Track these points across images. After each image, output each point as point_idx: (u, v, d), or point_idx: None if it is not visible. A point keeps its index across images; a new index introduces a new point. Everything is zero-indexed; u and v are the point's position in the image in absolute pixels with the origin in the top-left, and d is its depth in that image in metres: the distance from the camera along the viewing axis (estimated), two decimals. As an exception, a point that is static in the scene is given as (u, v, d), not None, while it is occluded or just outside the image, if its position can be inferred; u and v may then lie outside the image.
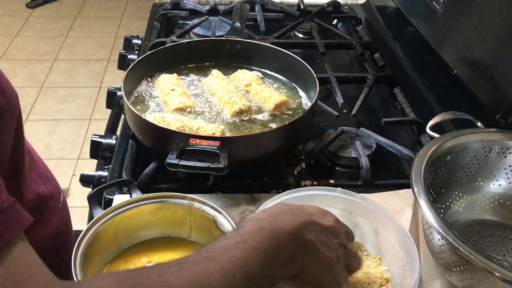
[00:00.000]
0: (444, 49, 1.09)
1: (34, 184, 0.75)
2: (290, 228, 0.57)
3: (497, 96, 0.90)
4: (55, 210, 0.83)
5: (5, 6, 4.04)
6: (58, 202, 0.84)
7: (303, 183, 0.91)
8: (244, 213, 0.83)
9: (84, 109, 2.96)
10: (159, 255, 0.74)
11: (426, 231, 0.72)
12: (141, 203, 0.74)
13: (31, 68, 3.32)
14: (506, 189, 0.82)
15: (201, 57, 1.13)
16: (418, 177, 0.71)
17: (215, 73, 1.07)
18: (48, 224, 0.80)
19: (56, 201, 0.83)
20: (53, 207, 0.82)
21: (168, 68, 1.09)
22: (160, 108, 0.98)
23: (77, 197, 2.34)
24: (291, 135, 0.90)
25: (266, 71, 1.13)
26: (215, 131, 0.88)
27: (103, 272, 0.70)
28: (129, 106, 0.89)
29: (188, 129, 0.88)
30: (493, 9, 0.95)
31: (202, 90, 1.05)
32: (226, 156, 0.77)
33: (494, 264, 0.59)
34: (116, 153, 0.99)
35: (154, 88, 1.03)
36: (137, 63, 1.02)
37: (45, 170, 0.83)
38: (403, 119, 1.09)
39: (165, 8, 1.55)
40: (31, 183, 0.75)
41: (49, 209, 0.80)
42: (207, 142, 0.79)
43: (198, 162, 0.77)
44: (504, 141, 0.81)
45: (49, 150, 2.62)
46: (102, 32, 3.79)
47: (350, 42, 1.35)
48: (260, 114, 0.98)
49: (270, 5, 1.58)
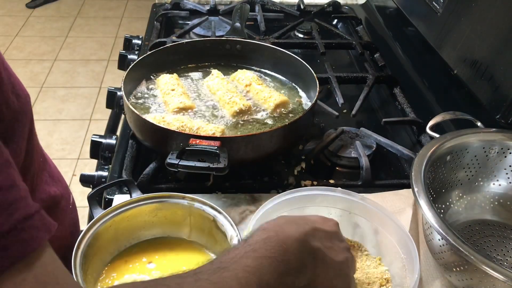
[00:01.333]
0: (444, 49, 1.09)
1: (46, 185, 0.75)
2: (296, 235, 0.58)
3: (497, 96, 0.90)
4: (67, 211, 0.83)
5: (5, 6, 4.04)
6: (69, 203, 0.84)
7: (303, 183, 0.91)
8: (244, 213, 0.83)
9: (84, 109, 2.96)
10: (159, 255, 0.74)
11: (426, 231, 0.72)
12: (141, 203, 0.74)
13: (31, 68, 3.32)
14: (506, 189, 0.82)
15: (201, 57, 1.13)
16: (418, 177, 0.71)
17: (215, 73, 1.07)
18: (61, 225, 0.80)
19: (67, 201, 0.83)
20: (65, 208, 0.82)
21: (168, 68, 1.09)
22: (161, 108, 0.98)
23: (77, 197, 2.29)
24: (291, 135, 0.90)
25: (266, 71, 1.13)
26: (215, 131, 0.88)
27: (119, 283, 0.70)
28: (129, 106, 0.89)
29: (188, 129, 0.88)
30: (493, 9, 0.95)
31: (202, 90, 1.05)
32: (226, 156, 0.77)
33: (494, 264, 0.59)
34: (116, 153, 0.99)
35: (154, 88, 1.04)
36: (137, 63, 1.02)
37: (55, 171, 0.83)
38: (403, 119, 1.09)
39: (165, 8, 1.55)
40: (43, 183, 0.74)
41: (61, 209, 0.80)
42: (207, 142, 0.79)
43: (198, 162, 0.77)
44: (504, 141, 0.81)
45: (49, 150, 2.62)
46: (102, 32, 3.79)
47: (350, 42, 1.35)
48: (260, 114, 0.98)
49: (270, 5, 1.58)
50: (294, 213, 0.77)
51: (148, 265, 0.72)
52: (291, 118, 0.97)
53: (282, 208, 0.75)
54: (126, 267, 0.72)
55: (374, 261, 0.74)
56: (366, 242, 0.77)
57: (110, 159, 0.99)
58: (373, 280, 0.71)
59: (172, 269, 0.71)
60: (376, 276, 0.71)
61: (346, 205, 0.77)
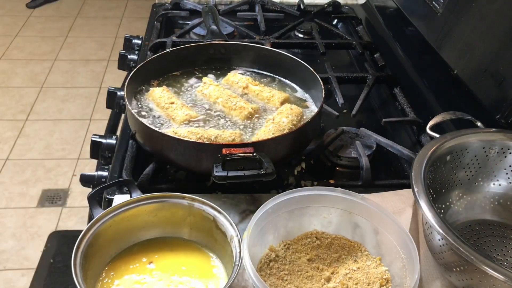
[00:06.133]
0: (444, 49, 1.09)
1: None
2: None
3: (497, 96, 0.90)
4: None
5: (5, 6, 4.04)
6: None
7: (303, 183, 0.91)
8: (244, 213, 0.83)
9: (84, 109, 2.96)
10: (159, 255, 0.74)
11: (426, 231, 0.72)
12: (141, 203, 0.74)
13: (31, 68, 3.32)
14: (506, 189, 0.82)
15: (186, 63, 1.11)
16: (418, 177, 0.71)
17: (207, 81, 1.06)
18: None
19: None
20: None
21: (155, 78, 1.07)
22: (157, 121, 0.96)
23: (77, 197, 2.34)
24: (312, 128, 0.92)
25: (254, 70, 1.13)
26: (235, 137, 0.88)
27: (119, 283, 0.70)
28: (151, 126, 0.86)
29: (206, 139, 0.87)
30: (493, 9, 0.95)
31: (196, 98, 1.03)
32: (269, 161, 0.76)
33: (494, 264, 0.59)
34: (116, 153, 0.99)
35: (144, 103, 1.00)
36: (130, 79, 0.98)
37: None
38: (403, 119, 1.09)
39: (165, 8, 1.55)
40: None
41: None
42: (242, 150, 0.78)
43: (246, 171, 0.76)
44: (504, 141, 0.81)
45: (49, 150, 2.62)
46: (102, 32, 3.79)
47: (350, 42, 1.35)
48: (267, 113, 0.99)
49: (270, 5, 1.58)
50: (294, 213, 0.77)
51: (148, 265, 0.72)
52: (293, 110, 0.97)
53: (282, 208, 0.75)
54: (126, 267, 0.72)
55: (374, 261, 0.74)
56: (366, 242, 0.77)
57: (110, 159, 0.99)
58: (373, 280, 0.71)
59: (172, 269, 0.72)
60: (376, 276, 0.71)
61: (346, 205, 0.77)
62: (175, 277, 0.70)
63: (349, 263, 0.74)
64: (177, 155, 0.85)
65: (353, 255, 0.76)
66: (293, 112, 0.94)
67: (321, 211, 0.78)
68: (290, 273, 0.72)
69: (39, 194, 2.36)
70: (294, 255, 0.75)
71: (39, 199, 2.34)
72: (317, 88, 0.99)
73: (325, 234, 0.78)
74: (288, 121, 0.92)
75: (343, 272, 0.73)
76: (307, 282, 0.71)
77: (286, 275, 0.72)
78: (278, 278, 0.71)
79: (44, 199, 2.34)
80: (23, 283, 1.94)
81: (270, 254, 0.74)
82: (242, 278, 0.72)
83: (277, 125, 0.91)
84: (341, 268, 0.73)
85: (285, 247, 0.76)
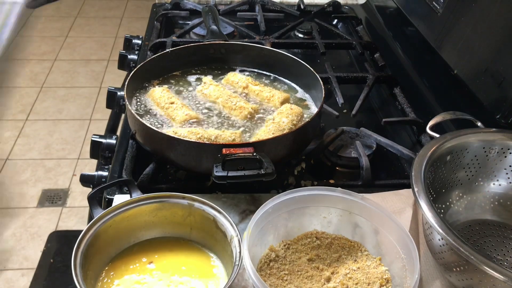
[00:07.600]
0: (444, 49, 1.09)
1: None
2: None
3: (497, 96, 0.90)
4: None
5: (5, 6, 4.04)
6: None
7: (303, 183, 0.91)
8: (244, 213, 0.83)
9: (84, 109, 2.96)
10: (159, 255, 0.74)
11: (426, 231, 0.72)
12: (141, 203, 0.74)
13: (31, 68, 3.32)
14: (506, 189, 0.82)
15: (186, 64, 1.11)
16: (418, 177, 0.71)
17: (207, 81, 1.06)
18: None
19: None
20: None
21: (154, 78, 1.06)
22: (156, 121, 0.96)
23: (77, 197, 2.34)
24: (312, 128, 0.92)
25: (253, 69, 1.13)
26: (235, 137, 0.88)
27: (119, 283, 0.70)
28: (153, 128, 0.86)
29: (206, 139, 0.87)
30: (493, 9, 0.95)
31: (196, 98, 1.03)
32: (269, 160, 0.77)
33: (494, 264, 0.59)
34: (116, 153, 0.99)
35: (145, 103, 1.00)
36: (130, 79, 0.98)
37: None
38: (403, 119, 1.09)
39: (165, 8, 1.55)
40: None
41: None
42: (242, 149, 0.78)
43: (246, 171, 0.76)
44: (504, 141, 0.81)
45: (49, 150, 2.62)
46: (102, 32, 3.79)
47: (350, 42, 1.35)
48: (267, 113, 0.99)
49: (270, 5, 1.58)
50: (294, 213, 0.77)
51: (148, 265, 0.72)
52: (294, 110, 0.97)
53: (282, 208, 0.75)
54: (126, 267, 0.72)
55: (374, 261, 0.74)
56: (366, 242, 0.77)
57: (110, 159, 0.99)
58: (373, 280, 0.71)
59: (172, 269, 0.72)
60: (376, 276, 0.71)
61: (346, 205, 0.77)
62: (175, 277, 0.70)
63: (349, 263, 0.74)
64: (177, 155, 0.85)
65: (353, 255, 0.76)
66: (293, 112, 0.95)
67: (321, 211, 0.78)
68: (290, 273, 0.72)
69: (39, 194, 2.36)
70: (294, 255, 0.75)
71: (39, 199, 2.34)
72: (317, 88, 0.99)
73: (325, 234, 0.78)
74: (288, 121, 0.92)
75: (343, 272, 0.73)
76: (307, 282, 0.71)
77: (286, 275, 0.72)
78: (278, 278, 0.71)
79: (44, 199, 2.34)
80: (23, 283, 1.94)
81: (270, 254, 0.74)
82: (242, 278, 0.72)
83: (277, 125, 0.91)
84: (341, 268, 0.73)
85: (285, 247, 0.76)
